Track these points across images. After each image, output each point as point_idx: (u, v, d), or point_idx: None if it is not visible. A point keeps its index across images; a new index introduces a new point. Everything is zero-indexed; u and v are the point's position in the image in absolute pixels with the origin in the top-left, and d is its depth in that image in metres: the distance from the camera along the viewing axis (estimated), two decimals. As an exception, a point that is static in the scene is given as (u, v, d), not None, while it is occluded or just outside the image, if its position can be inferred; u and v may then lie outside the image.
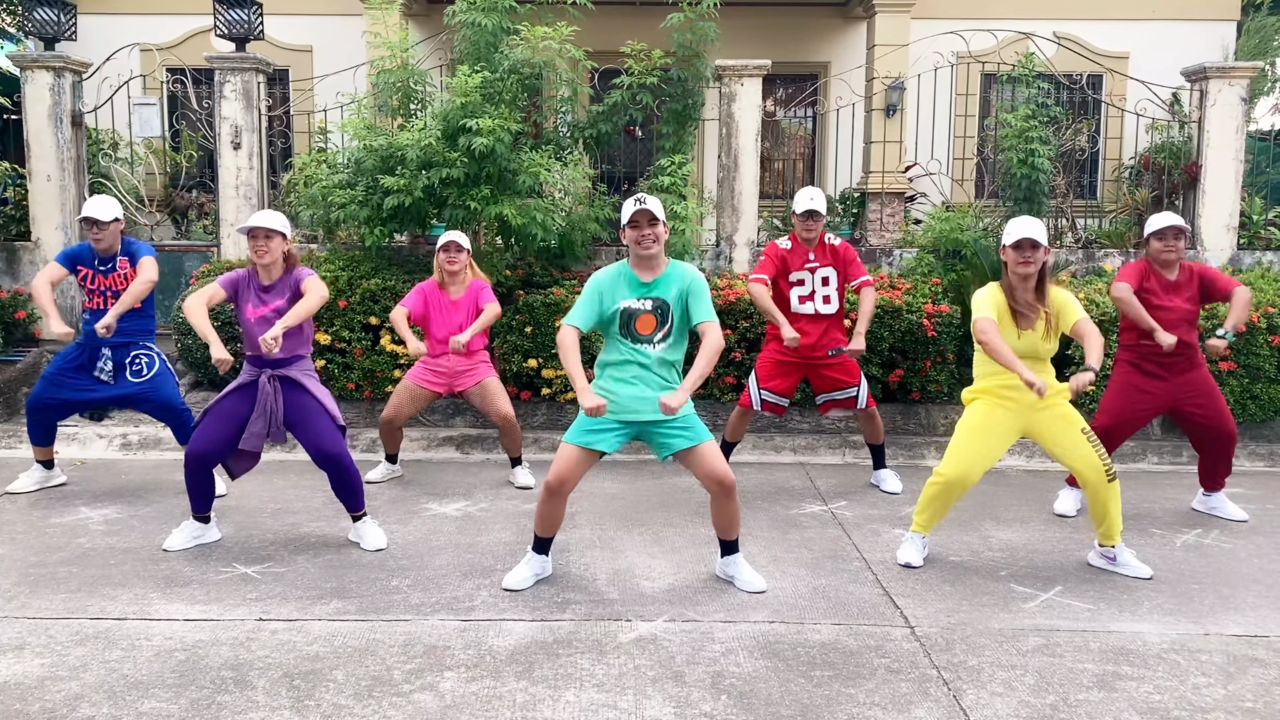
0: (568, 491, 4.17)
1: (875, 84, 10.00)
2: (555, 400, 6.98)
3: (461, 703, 3.28)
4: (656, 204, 4.08)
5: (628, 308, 4.11)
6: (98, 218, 5.34)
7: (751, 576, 4.32)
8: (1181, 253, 5.15)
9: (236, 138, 8.24)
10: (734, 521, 4.28)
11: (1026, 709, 3.29)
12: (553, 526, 4.28)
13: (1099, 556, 4.58)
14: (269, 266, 4.67)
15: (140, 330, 5.56)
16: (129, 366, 5.52)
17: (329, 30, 11.34)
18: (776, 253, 5.63)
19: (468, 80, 6.67)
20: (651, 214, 4.06)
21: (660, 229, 4.10)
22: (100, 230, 5.37)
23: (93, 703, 3.24)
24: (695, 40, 7.71)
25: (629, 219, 4.08)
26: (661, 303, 4.12)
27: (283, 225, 4.67)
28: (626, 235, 4.12)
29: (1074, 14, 11.46)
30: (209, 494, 4.74)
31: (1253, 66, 8.40)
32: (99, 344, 5.47)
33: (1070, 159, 9.46)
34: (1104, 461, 4.38)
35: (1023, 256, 4.34)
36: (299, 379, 4.69)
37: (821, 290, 5.62)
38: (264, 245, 4.61)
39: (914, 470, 6.26)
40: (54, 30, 8.36)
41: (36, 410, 5.54)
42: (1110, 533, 4.49)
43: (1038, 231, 4.33)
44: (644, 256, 4.11)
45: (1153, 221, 5.19)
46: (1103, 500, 4.41)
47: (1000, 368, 4.37)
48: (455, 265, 5.73)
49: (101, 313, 5.42)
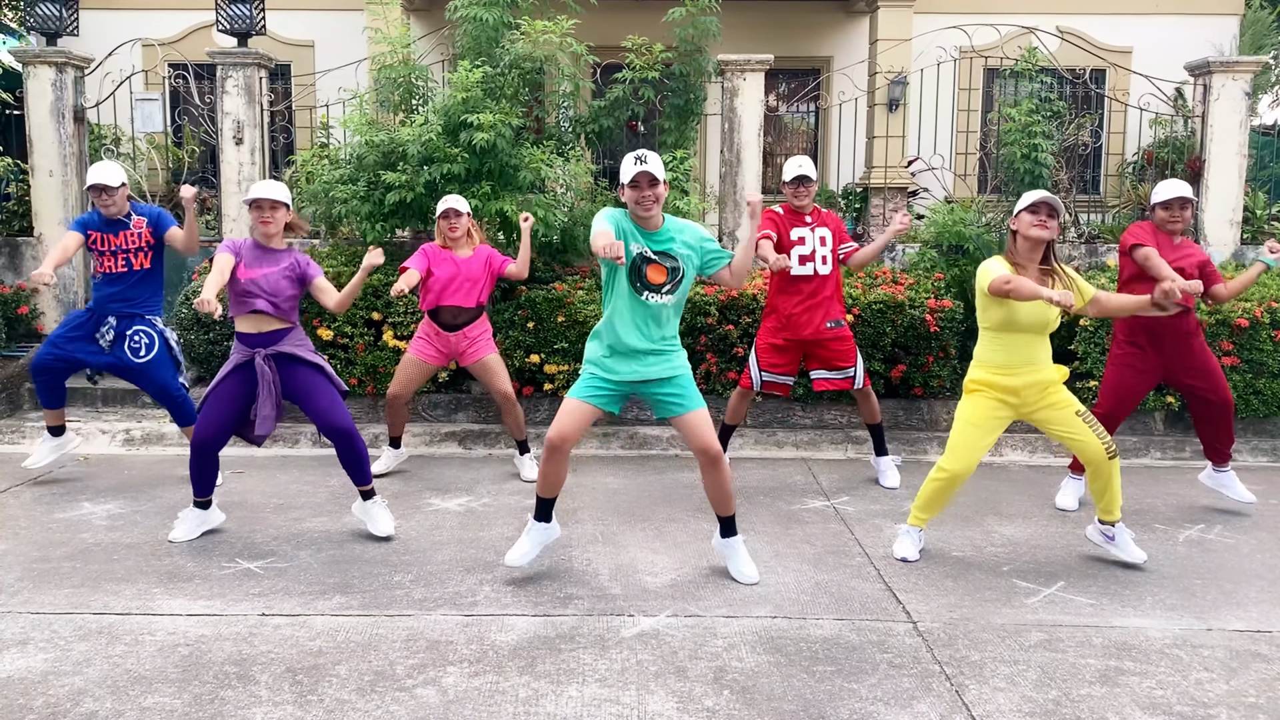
0: (569, 449, 4.18)
1: (878, 79, 9.99)
2: (557, 396, 6.97)
3: (464, 698, 3.28)
4: (658, 163, 4.04)
5: (640, 253, 4.09)
6: (107, 183, 5.35)
7: (745, 566, 4.33)
8: (1187, 223, 5.13)
9: (239, 133, 8.23)
10: (726, 494, 4.29)
11: (1029, 704, 3.29)
12: (555, 486, 4.28)
13: (1098, 533, 4.59)
14: (272, 236, 4.72)
15: (147, 300, 5.57)
16: (128, 340, 5.51)
17: (331, 25, 11.34)
18: (774, 216, 5.68)
19: (469, 75, 6.66)
20: (652, 175, 4.02)
21: (661, 189, 4.07)
22: (110, 195, 5.38)
23: (96, 698, 3.25)
24: (697, 35, 7.69)
25: (630, 179, 4.03)
26: (671, 258, 4.12)
27: (285, 195, 4.72)
28: (625, 194, 4.08)
29: (1077, 8, 11.44)
30: (213, 479, 4.78)
31: (1257, 61, 8.37)
32: (105, 311, 5.49)
33: (1073, 154, 9.44)
34: (1103, 440, 4.42)
35: (1038, 219, 4.30)
36: (293, 352, 4.71)
37: (820, 250, 5.65)
38: (269, 215, 4.67)
39: (916, 466, 6.26)
40: (56, 26, 8.36)
41: (40, 371, 5.55)
42: (1110, 508, 4.50)
43: (1055, 200, 4.31)
44: (644, 217, 4.11)
45: (1159, 190, 5.16)
46: (1104, 476, 4.44)
47: (1006, 358, 4.38)
48: (456, 231, 5.72)
49: (114, 275, 5.44)
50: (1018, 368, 4.40)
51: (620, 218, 4.14)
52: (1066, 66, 9.42)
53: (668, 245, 4.13)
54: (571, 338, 6.80)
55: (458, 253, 5.75)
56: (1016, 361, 4.40)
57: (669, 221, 4.21)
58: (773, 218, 5.68)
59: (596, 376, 4.21)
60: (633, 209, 4.11)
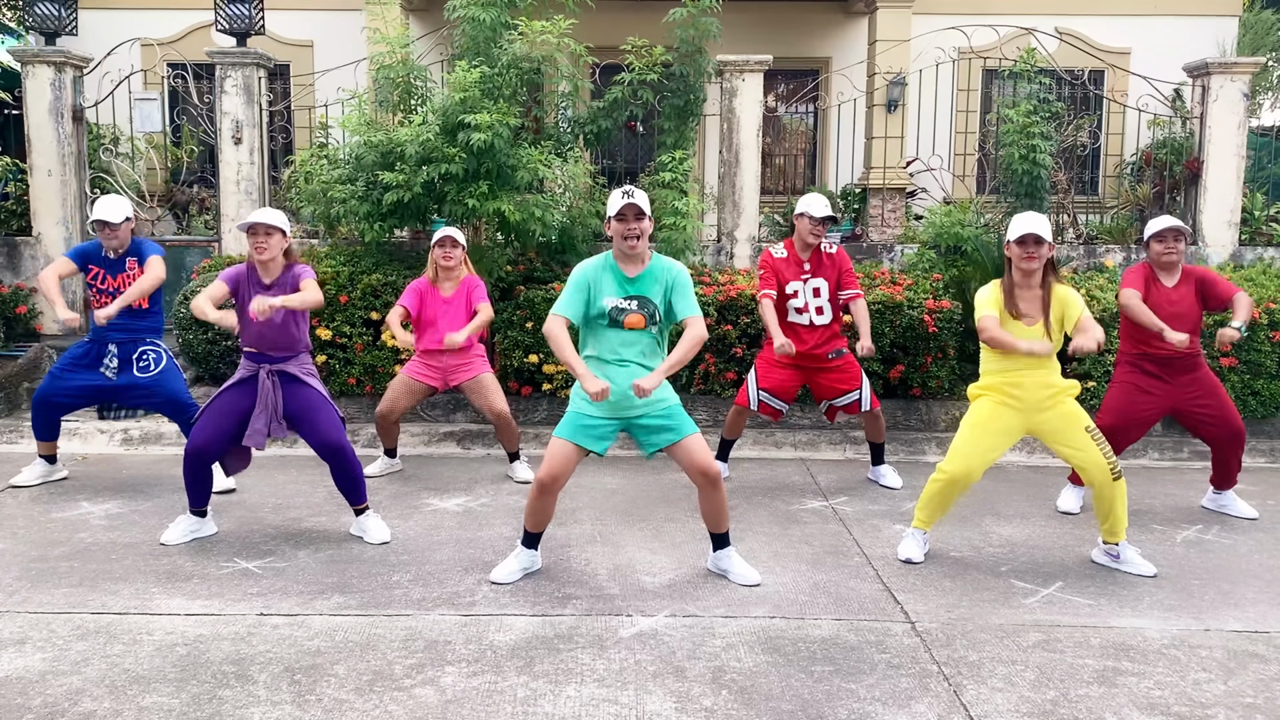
0: (559, 488, 4.18)
1: (876, 79, 9.99)
2: (556, 396, 6.98)
3: (463, 697, 3.28)
4: (644, 198, 4.07)
5: (615, 307, 4.10)
6: (109, 220, 5.35)
7: (745, 570, 4.33)
8: (1182, 255, 5.14)
9: (237, 133, 8.23)
10: (723, 513, 4.30)
11: (1027, 704, 3.29)
12: (543, 522, 4.29)
13: (1103, 554, 4.58)
14: (268, 263, 4.69)
15: (148, 328, 5.57)
16: (136, 362, 5.52)
17: (330, 25, 11.34)
18: (772, 263, 5.60)
19: (467, 75, 6.66)
20: (639, 208, 4.04)
21: (646, 223, 4.09)
22: (112, 231, 5.39)
23: (94, 697, 3.25)
24: (696, 35, 7.70)
25: (616, 212, 4.06)
26: (646, 300, 4.11)
27: (282, 222, 4.68)
28: (612, 228, 4.10)
29: (1076, 9, 11.45)
30: (207, 489, 4.75)
31: (1255, 62, 8.39)
32: (106, 340, 5.48)
33: (1072, 155, 9.45)
34: (1109, 460, 4.39)
35: (1026, 252, 4.35)
36: (297, 374, 4.71)
37: (814, 301, 5.58)
38: (264, 242, 4.63)
39: (914, 466, 6.26)
40: (55, 25, 8.36)
41: (41, 405, 5.54)
42: (1115, 530, 4.48)
43: (1042, 227, 4.33)
44: (630, 255, 4.11)
45: (1152, 225, 5.18)
46: (1108, 498, 4.41)
47: (1007, 365, 4.40)
48: (451, 261, 5.74)
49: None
50: (1023, 373, 4.41)
51: (594, 268, 4.13)
52: (1065, 67, 9.43)
53: (646, 290, 4.11)
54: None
55: (443, 289, 5.78)
56: (1021, 367, 4.41)
57: (656, 262, 4.17)
58: (773, 269, 5.56)
59: (583, 414, 4.17)
60: (618, 244, 4.11)
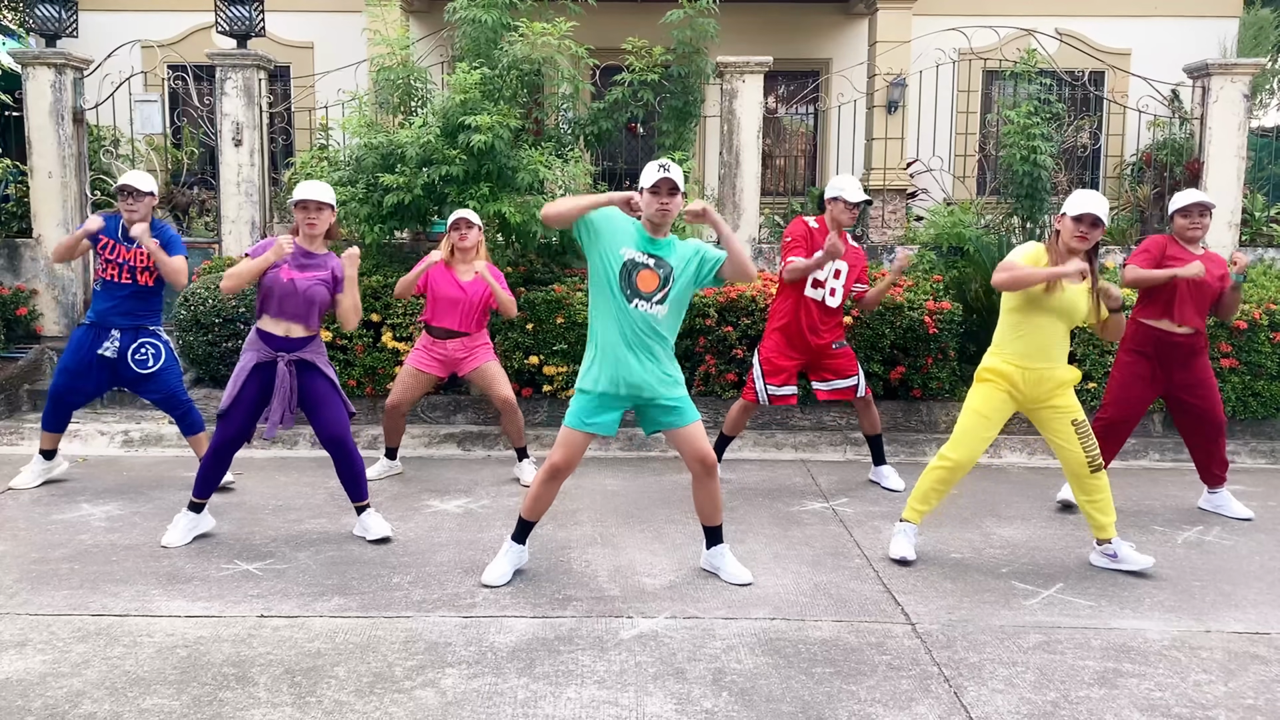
0: (568, 475, 4.23)
1: (877, 80, 10.00)
2: (556, 397, 6.98)
3: (463, 699, 3.28)
4: (679, 173, 4.04)
5: (632, 259, 4.06)
6: (136, 186, 5.32)
7: (736, 569, 4.33)
8: (1206, 230, 5.13)
9: (238, 135, 8.23)
10: (716, 505, 4.31)
11: (1027, 706, 3.29)
12: (541, 511, 4.32)
13: (1100, 555, 4.58)
14: (316, 238, 4.76)
15: (149, 313, 5.57)
16: (133, 355, 5.52)
17: (330, 27, 11.35)
18: (805, 230, 5.59)
19: (467, 77, 6.66)
20: (673, 183, 4.02)
21: (679, 200, 4.08)
22: (136, 200, 5.35)
23: (94, 699, 3.25)
24: (696, 37, 7.70)
25: (652, 184, 4.02)
26: (664, 262, 4.09)
27: (331, 198, 4.75)
28: (644, 198, 4.06)
29: (1076, 10, 11.45)
30: (218, 481, 4.84)
31: (1255, 63, 8.38)
32: (106, 324, 5.48)
33: (1072, 156, 9.46)
34: (1089, 454, 4.43)
35: (1080, 231, 4.28)
36: (314, 360, 4.78)
37: (833, 282, 5.65)
38: (314, 216, 4.70)
39: (915, 468, 6.24)
40: (55, 27, 8.36)
41: (60, 403, 5.57)
42: (1102, 525, 4.51)
43: (1103, 210, 4.26)
44: (659, 224, 4.10)
45: (1178, 198, 5.15)
46: (1086, 490, 4.48)
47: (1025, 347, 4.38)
48: (467, 241, 5.74)
49: (114, 285, 5.43)
50: (1034, 360, 4.40)
51: (622, 218, 4.13)
52: (1065, 68, 9.43)
53: (664, 252, 4.11)
54: (570, 339, 6.81)
55: (461, 273, 5.77)
56: (1034, 353, 4.39)
57: (676, 238, 4.20)
58: (807, 237, 5.58)
59: (593, 393, 4.14)
60: (648, 214, 4.09)
